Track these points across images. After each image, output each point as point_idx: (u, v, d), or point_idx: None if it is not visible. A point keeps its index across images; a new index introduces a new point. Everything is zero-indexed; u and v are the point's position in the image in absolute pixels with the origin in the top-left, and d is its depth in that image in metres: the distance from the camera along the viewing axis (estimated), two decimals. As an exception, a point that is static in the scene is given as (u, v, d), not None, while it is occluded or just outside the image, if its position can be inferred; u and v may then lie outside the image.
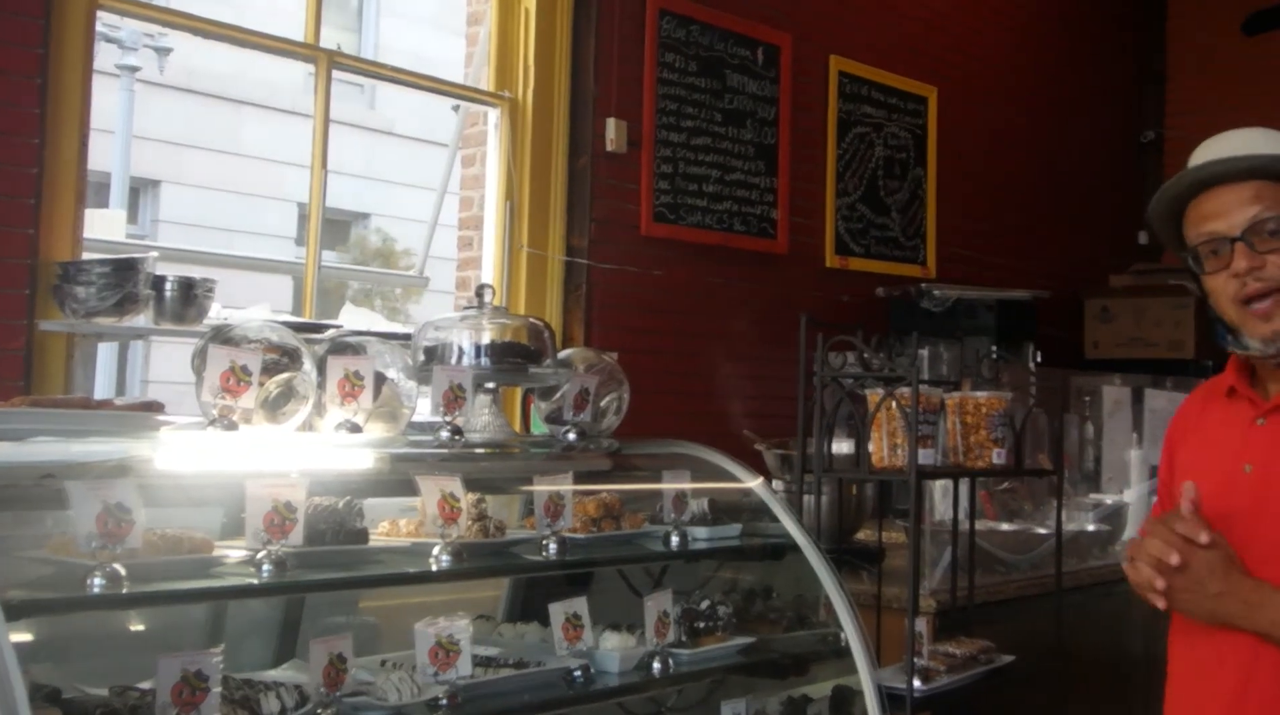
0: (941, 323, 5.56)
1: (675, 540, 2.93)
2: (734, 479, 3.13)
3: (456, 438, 2.61)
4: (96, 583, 1.99)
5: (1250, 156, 2.04)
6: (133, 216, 8.93)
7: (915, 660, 3.18)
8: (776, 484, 3.80)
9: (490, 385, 2.87)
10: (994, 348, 5.21)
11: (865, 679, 2.92)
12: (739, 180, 5.19)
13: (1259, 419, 2.07)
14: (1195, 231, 2.09)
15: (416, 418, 2.77)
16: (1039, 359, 5.96)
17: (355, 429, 2.49)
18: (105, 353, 5.97)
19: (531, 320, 2.95)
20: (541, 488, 2.67)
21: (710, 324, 5.05)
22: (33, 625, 2.22)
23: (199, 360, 2.43)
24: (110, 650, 2.43)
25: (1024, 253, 6.87)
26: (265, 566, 2.20)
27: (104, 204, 7.80)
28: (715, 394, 4.94)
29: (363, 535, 2.45)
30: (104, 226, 5.61)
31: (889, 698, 2.97)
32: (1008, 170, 6.82)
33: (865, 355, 3.32)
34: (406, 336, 3.04)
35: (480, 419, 2.83)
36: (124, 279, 3.26)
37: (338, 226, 9.95)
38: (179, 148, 9.01)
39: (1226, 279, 2.04)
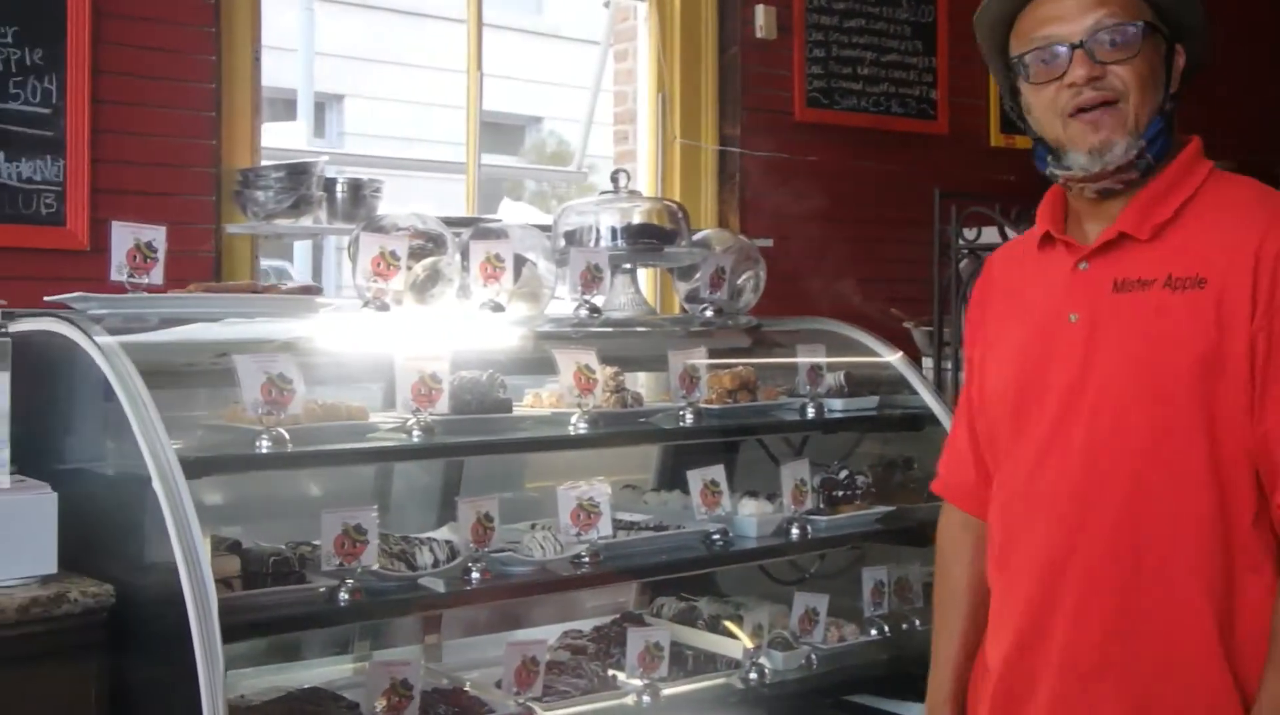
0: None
1: (811, 411, 3.01)
2: (873, 353, 3.20)
3: (594, 315, 2.77)
4: (264, 445, 2.22)
5: None
6: (320, 131, 9.35)
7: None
8: (927, 362, 3.85)
9: (627, 266, 3.00)
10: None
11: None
12: (895, 61, 5.13)
13: (1080, 263, 1.87)
14: (1027, 37, 1.88)
15: (558, 301, 2.92)
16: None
17: (498, 308, 2.65)
18: (300, 256, 6.37)
19: (666, 202, 3.06)
20: (677, 361, 2.79)
21: (864, 208, 5.03)
22: (214, 486, 2.47)
23: (353, 248, 2.63)
24: (283, 513, 2.68)
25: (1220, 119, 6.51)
26: (415, 431, 2.40)
27: (291, 118, 8.19)
28: (867, 277, 4.93)
29: (506, 405, 2.62)
30: (287, 139, 5.96)
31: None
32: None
33: (1005, 228, 3.33)
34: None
35: (618, 298, 2.97)
36: (297, 183, 3.50)
37: (511, 131, 10.21)
38: (360, 62, 9.40)
39: (1058, 90, 1.85)
